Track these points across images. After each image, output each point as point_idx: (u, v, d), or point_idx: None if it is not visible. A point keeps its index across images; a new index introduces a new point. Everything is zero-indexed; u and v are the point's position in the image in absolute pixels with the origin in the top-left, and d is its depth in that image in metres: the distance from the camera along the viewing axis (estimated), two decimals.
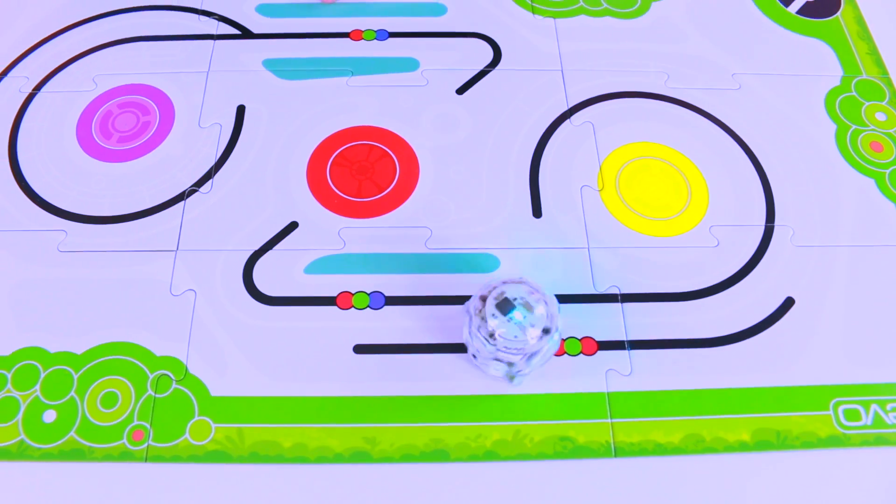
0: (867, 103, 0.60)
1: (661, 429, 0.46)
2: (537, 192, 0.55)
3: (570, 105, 0.59)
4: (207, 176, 0.55)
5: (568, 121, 0.59)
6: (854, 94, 0.61)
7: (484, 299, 0.42)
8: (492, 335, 0.42)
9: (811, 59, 0.63)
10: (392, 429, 0.46)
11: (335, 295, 0.51)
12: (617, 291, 0.51)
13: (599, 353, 0.49)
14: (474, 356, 0.45)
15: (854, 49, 0.64)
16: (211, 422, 0.46)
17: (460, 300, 0.49)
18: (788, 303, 0.51)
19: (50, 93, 0.60)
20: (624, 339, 0.49)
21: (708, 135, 0.58)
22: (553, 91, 0.60)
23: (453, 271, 0.51)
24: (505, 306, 0.42)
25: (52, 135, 0.58)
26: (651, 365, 0.48)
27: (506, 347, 0.42)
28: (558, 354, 0.48)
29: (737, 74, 0.62)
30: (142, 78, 0.61)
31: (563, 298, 0.50)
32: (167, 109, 0.59)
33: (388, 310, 0.50)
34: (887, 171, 0.57)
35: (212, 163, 0.56)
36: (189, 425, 0.46)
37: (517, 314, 0.42)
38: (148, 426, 0.46)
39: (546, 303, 0.42)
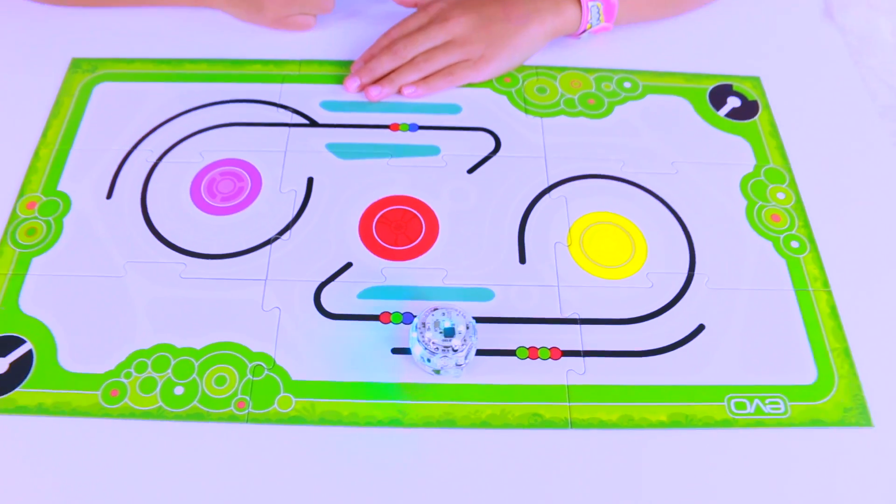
0: (771, 185, 0.72)
1: (604, 410, 0.58)
2: (523, 245, 0.67)
3: (550, 183, 0.71)
4: (287, 228, 0.67)
5: (547, 195, 0.70)
6: (762, 178, 0.72)
7: (425, 325, 0.57)
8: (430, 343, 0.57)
9: (732, 151, 0.74)
10: (417, 405, 0.58)
11: (379, 314, 0.62)
12: (577, 316, 0.63)
13: (563, 358, 0.61)
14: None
15: (766, 144, 0.75)
16: (293, 397, 0.58)
17: None
18: (700, 328, 0.63)
19: (169, 162, 0.72)
20: (581, 349, 0.61)
21: (650, 207, 0.70)
22: (538, 173, 0.72)
23: (461, 300, 0.64)
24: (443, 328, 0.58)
25: (172, 194, 0.69)
26: (599, 368, 0.60)
27: (437, 348, 0.57)
28: (533, 358, 0.62)
29: (675, 162, 0.73)
30: (237, 154, 0.72)
31: (538, 320, 0.62)
32: (256, 178, 0.71)
33: None
34: (781, 236, 0.69)
35: (290, 218, 0.68)
36: (277, 399, 0.58)
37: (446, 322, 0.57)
38: (248, 399, 0.58)
39: (466, 324, 0.57)
